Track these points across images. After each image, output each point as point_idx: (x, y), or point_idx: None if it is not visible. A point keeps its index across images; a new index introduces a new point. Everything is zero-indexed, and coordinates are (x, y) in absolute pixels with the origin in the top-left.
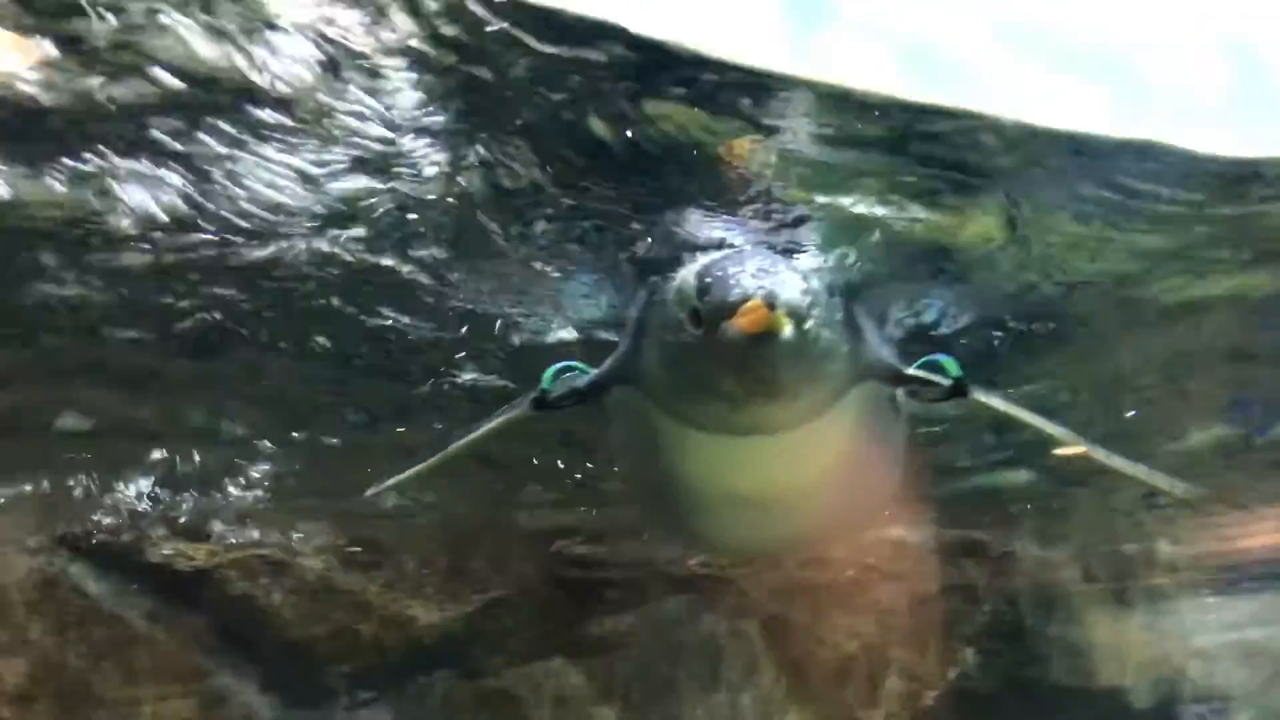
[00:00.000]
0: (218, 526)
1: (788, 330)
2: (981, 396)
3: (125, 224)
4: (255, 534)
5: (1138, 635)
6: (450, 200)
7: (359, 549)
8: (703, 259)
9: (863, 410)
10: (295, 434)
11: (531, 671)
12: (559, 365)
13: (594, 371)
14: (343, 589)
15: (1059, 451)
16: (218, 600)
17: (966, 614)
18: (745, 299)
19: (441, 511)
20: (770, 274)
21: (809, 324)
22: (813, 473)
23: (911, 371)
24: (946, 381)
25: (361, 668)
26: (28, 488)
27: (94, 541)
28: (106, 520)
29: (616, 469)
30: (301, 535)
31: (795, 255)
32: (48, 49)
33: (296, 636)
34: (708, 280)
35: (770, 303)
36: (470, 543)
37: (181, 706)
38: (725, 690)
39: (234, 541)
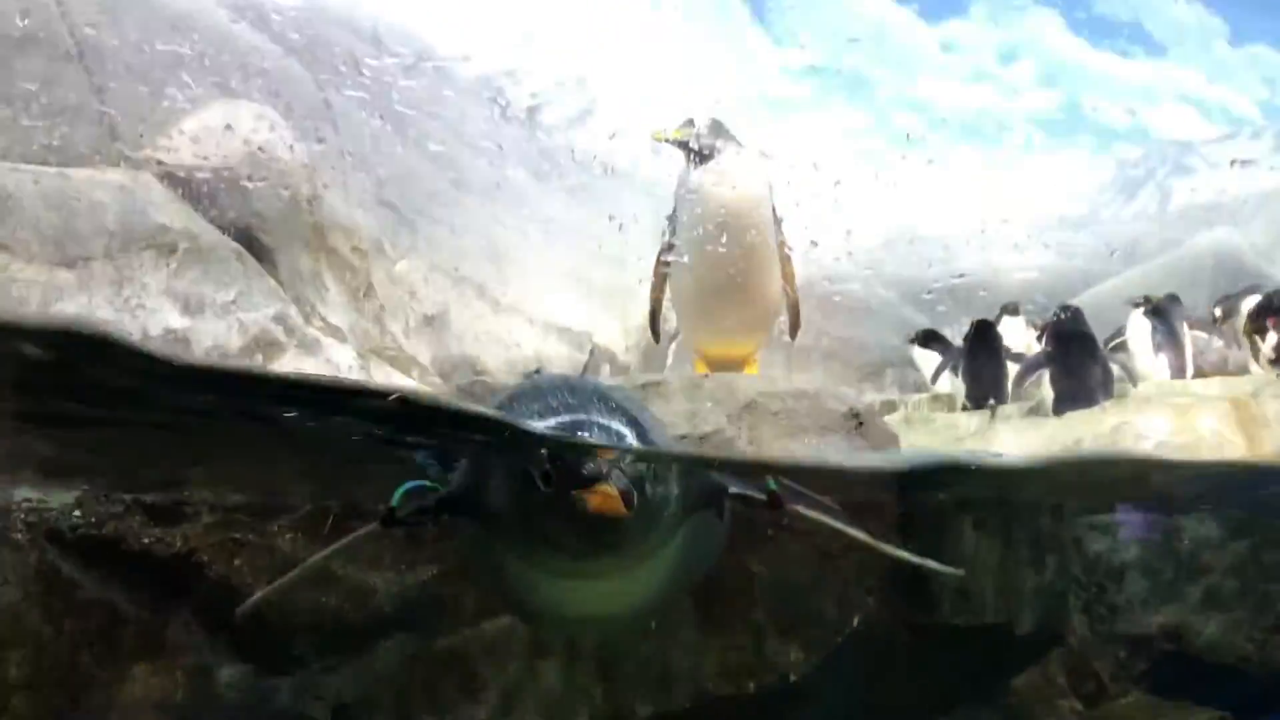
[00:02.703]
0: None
1: (632, 504)
2: (792, 508)
3: None
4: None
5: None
6: None
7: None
8: (552, 416)
9: (692, 532)
10: None
11: (480, 631)
12: (409, 485)
13: (440, 491)
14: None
15: None
16: (196, 582)
17: (869, 567)
18: (596, 477)
19: None
20: (616, 444)
21: (648, 488)
22: (647, 597)
23: (735, 490)
24: (762, 496)
25: (327, 636)
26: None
27: (79, 534)
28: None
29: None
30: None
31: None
32: None
33: (267, 612)
34: (557, 448)
35: (622, 490)
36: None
37: (168, 681)
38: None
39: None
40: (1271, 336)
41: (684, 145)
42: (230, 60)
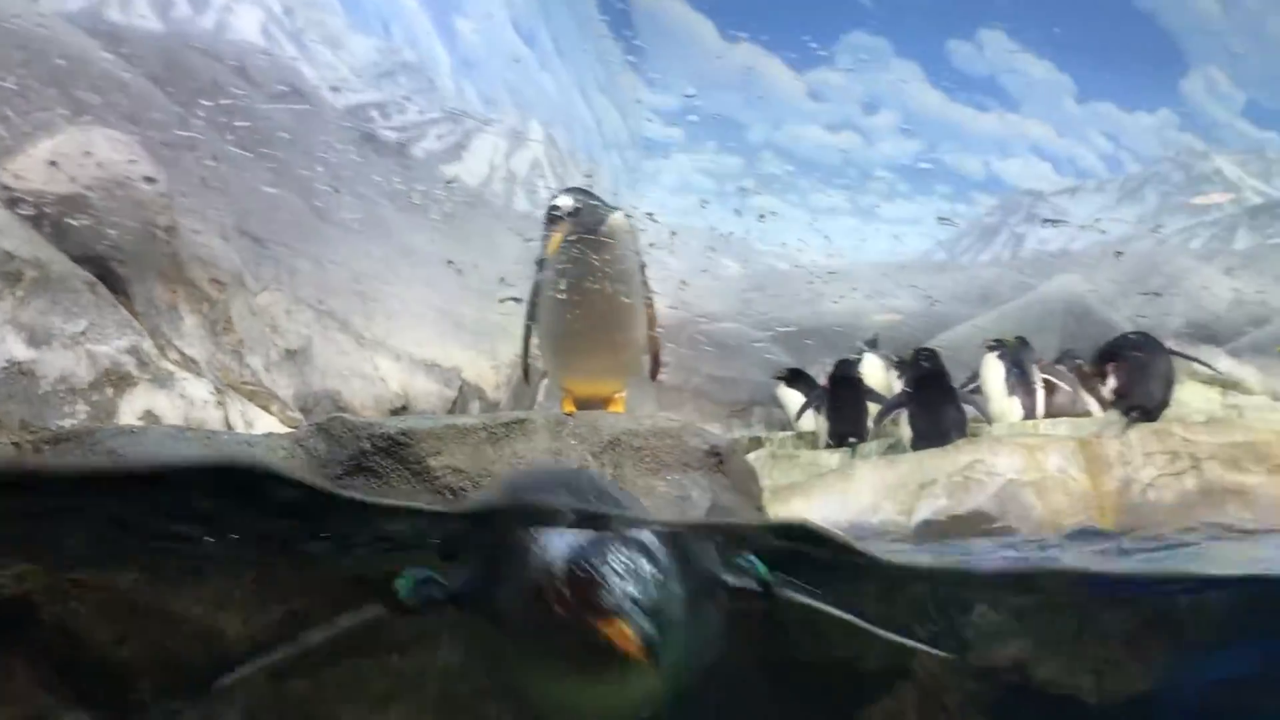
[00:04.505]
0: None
1: (646, 632)
2: (784, 594)
3: None
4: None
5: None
6: None
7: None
8: (570, 537)
9: (695, 629)
10: None
11: (335, 673)
12: (416, 574)
13: (449, 586)
14: (153, 606)
15: None
16: (31, 625)
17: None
18: (615, 612)
19: None
20: (633, 576)
21: (661, 612)
22: (653, 696)
23: (732, 583)
24: (758, 587)
25: (171, 680)
26: None
27: None
28: None
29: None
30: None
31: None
32: None
33: (109, 655)
34: (578, 573)
35: (645, 636)
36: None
37: None
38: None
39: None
40: (1111, 380)
41: (574, 240)
42: (86, 84)
